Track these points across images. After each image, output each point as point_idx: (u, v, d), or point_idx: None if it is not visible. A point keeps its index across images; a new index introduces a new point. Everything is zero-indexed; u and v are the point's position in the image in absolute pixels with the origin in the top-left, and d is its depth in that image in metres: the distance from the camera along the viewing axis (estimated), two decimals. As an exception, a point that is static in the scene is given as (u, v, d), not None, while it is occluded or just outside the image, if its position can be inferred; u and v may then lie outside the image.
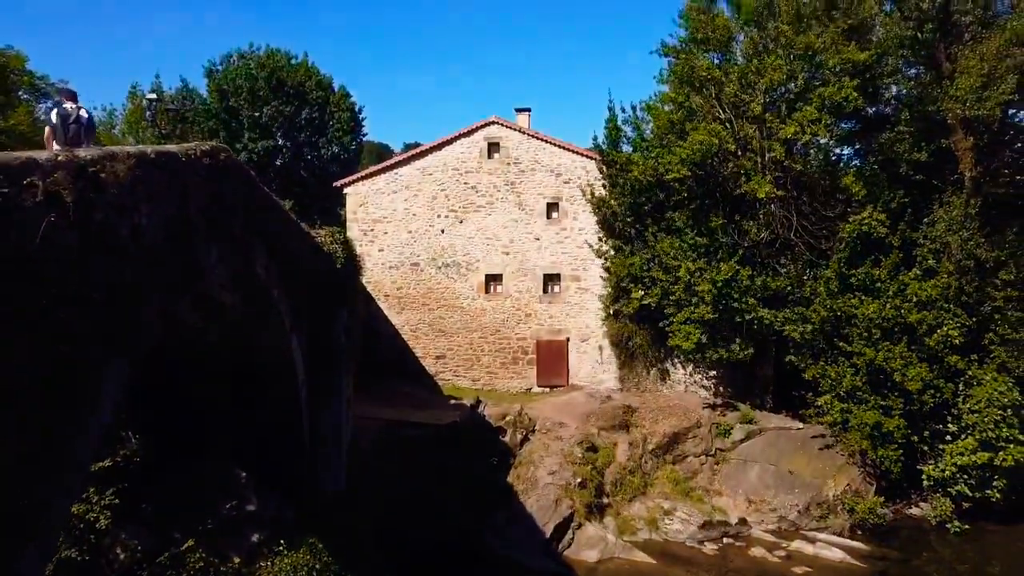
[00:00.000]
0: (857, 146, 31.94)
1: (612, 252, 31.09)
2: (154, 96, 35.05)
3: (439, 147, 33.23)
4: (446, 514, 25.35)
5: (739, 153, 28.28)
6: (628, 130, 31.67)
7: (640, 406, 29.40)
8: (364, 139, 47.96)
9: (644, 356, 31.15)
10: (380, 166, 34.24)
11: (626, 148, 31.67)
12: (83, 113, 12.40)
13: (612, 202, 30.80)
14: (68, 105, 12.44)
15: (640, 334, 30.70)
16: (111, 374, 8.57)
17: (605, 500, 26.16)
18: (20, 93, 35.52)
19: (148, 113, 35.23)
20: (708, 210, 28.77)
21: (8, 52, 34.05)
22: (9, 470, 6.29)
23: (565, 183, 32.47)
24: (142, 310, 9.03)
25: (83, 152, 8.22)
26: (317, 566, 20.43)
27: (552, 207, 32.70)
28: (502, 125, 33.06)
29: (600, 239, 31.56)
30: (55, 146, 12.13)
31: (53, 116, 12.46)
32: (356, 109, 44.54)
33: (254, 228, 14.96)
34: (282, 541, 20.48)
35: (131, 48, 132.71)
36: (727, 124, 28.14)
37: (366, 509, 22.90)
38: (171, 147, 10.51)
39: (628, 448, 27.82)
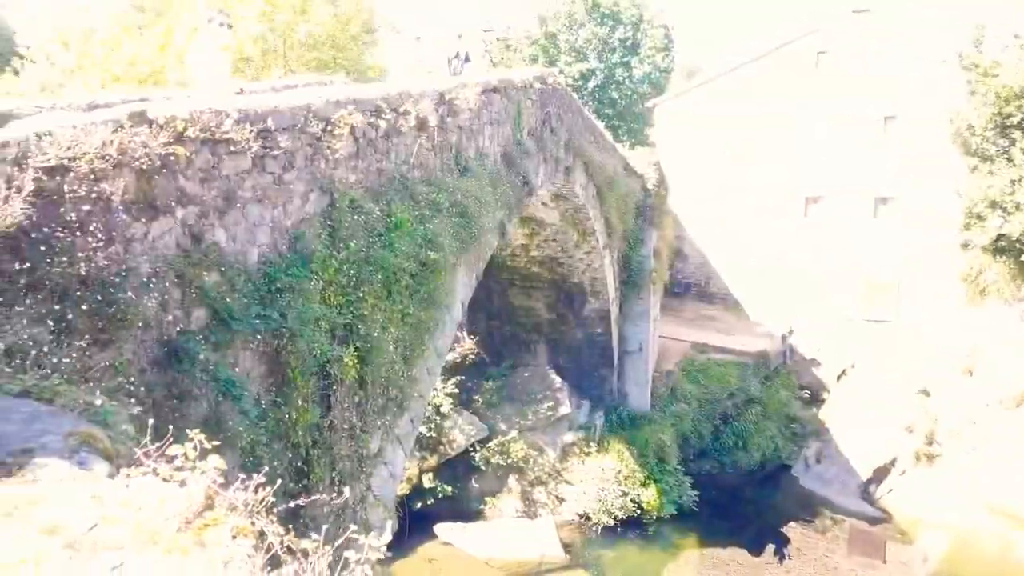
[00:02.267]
0: None
1: (966, 172, 26.72)
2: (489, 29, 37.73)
3: (757, 60, 31.09)
4: (750, 443, 24.96)
5: None
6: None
7: (988, 349, 25.50)
8: (675, 57, 46.66)
9: (998, 293, 26.71)
10: (693, 84, 33.16)
11: (993, 52, 26.48)
12: (462, 52, 14.94)
13: (969, 114, 26.26)
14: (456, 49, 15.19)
15: (996, 268, 26.29)
16: (461, 280, 9.72)
17: (936, 449, 23.52)
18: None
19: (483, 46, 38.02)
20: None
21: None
22: (394, 353, 7.55)
23: (902, 93, 28.41)
24: (484, 225, 10.03)
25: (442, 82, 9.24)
26: (623, 471, 21.63)
27: (890, 120, 28.95)
28: (829, 31, 29.71)
29: (950, 157, 27.26)
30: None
31: (447, 56, 15.16)
32: (668, 27, 43.39)
33: (575, 149, 15.59)
34: (592, 444, 21.97)
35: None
36: None
37: (670, 428, 23.44)
38: (510, 73, 11.29)
39: (969, 394, 24.47)
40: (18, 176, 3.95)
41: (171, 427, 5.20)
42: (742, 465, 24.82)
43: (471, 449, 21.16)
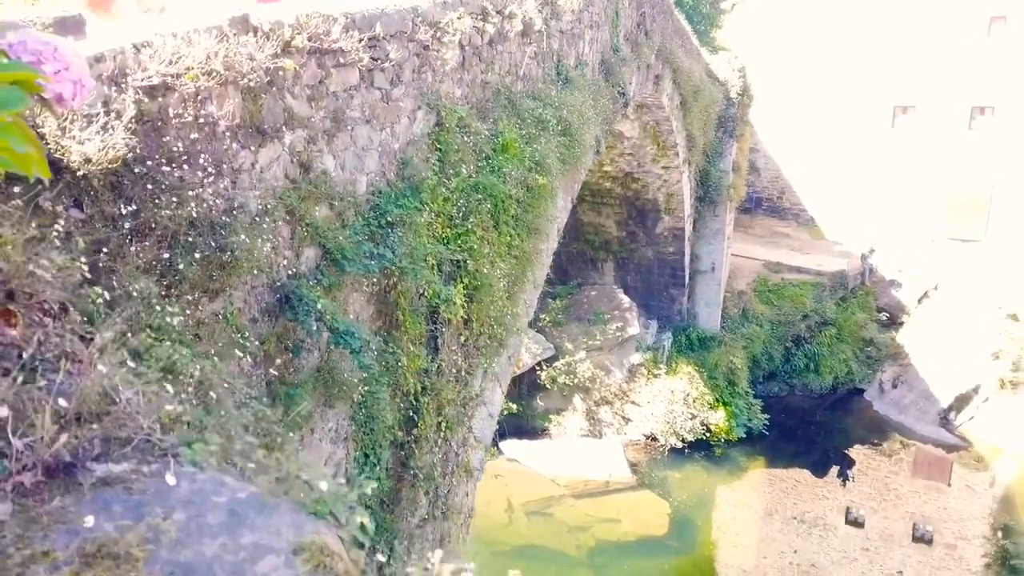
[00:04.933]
0: None
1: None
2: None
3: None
4: (822, 365, 24.13)
5: None
6: None
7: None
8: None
9: (1103, 212, 24.77)
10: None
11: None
12: None
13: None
14: None
15: (1103, 184, 24.27)
16: (560, 204, 8.91)
17: (1023, 376, 22.39)
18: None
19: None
20: None
21: None
22: (502, 290, 6.89)
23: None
24: (586, 142, 9.12)
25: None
26: (692, 393, 21.16)
27: (996, 20, 26.27)
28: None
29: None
30: None
31: None
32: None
33: (665, 55, 14.29)
34: (660, 365, 21.45)
35: None
36: None
37: (741, 350, 22.72)
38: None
39: (1063, 322, 23.09)
40: (117, 98, 3.25)
41: (285, 387, 4.67)
42: (813, 388, 24.11)
43: (537, 368, 20.85)
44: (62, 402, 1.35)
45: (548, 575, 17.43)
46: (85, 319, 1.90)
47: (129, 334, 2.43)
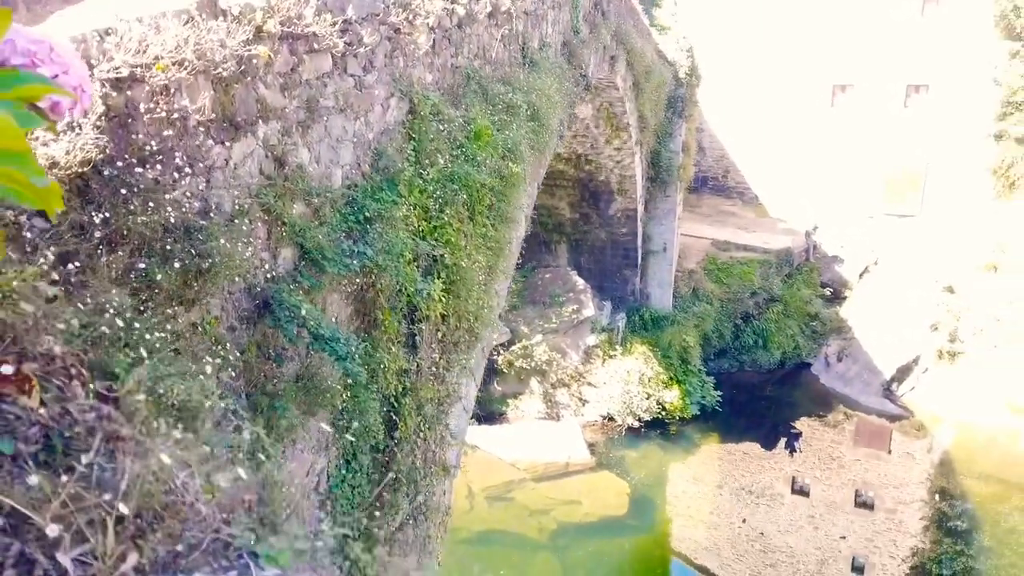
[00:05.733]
0: None
1: (1006, 58, 25.25)
2: None
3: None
4: (770, 341, 24.69)
5: None
6: None
7: (1014, 245, 24.93)
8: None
9: (1030, 186, 25.88)
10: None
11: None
12: None
13: (1017, -9, 24.50)
14: None
15: (1029, 159, 25.34)
16: (527, 191, 8.71)
17: (959, 347, 23.33)
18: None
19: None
20: None
21: None
22: (480, 283, 6.67)
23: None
24: (552, 127, 8.91)
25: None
26: (647, 372, 21.36)
27: (929, 1, 27.00)
28: None
29: (989, 43, 25.67)
30: None
31: None
32: None
33: (619, 35, 14.15)
34: (616, 346, 21.56)
35: None
36: None
37: (693, 329, 23.03)
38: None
39: (995, 291, 24.07)
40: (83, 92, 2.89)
41: (267, 399, 4.37)
42: (762, 363, 24.67)
43: (494, 352, 20.69)
44: (122, 507, 1.08)
45: (511, 560, 17.44)
46: (106, 372, 1.61)
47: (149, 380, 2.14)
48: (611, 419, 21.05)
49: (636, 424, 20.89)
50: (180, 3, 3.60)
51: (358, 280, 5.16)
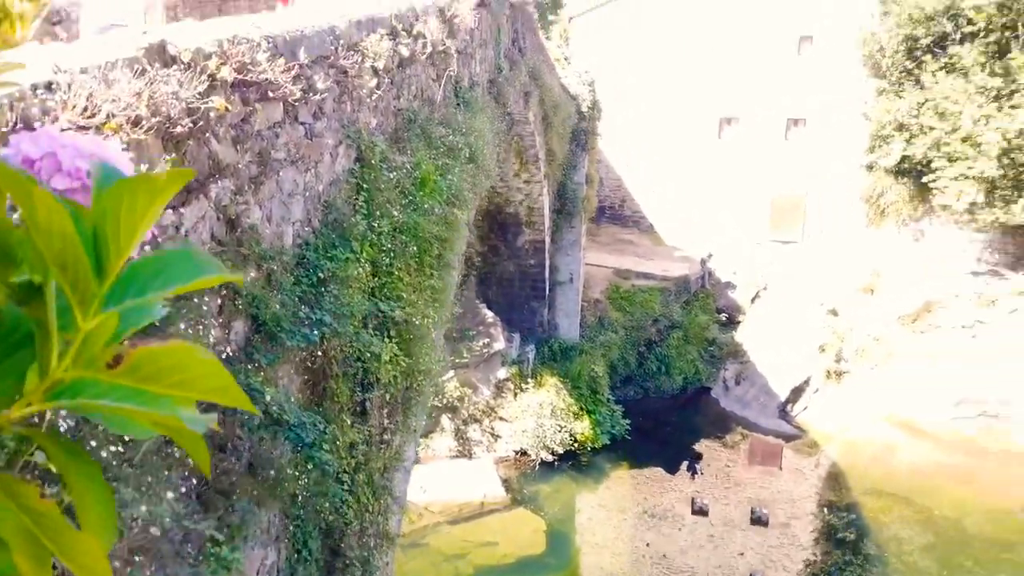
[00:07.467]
0: None
1: (874, 95, 27.31)
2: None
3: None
4: (672, 367, 25.30)
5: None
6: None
7: (887, 269, 26.84)
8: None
9: (897, 215, 27.97)
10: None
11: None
12: None
13: (882, 35, 26.61)
14: None
15: (896, 189, 27.41)
16: (466, 234, 8.39)
17: (844, 366, 24.73)
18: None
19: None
20: (1007, 46, 24.08)
21: None
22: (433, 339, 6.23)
23: (821, 13, 28.38)
24: (489, 168, 8.62)
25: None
26: (559, 404, 21.29)
27: (804, 41, 28.92)
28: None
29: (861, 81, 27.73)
30: None
31: None
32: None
33: (532, 71, 14.13)
34: (528, 379, 21.39)
35: None
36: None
37: (600, 358, 23.24)
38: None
39: (873, 313, 25.76)
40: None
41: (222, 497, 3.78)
42: (665, 389, 25.22)
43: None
44: None
45: (428, 609, 16.74)
46: None
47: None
48: (524, 453, 20.80)
49: (550, 457, 20.73)
50: (121, 51, 3.05)
51: (313, 349, 4.63)
